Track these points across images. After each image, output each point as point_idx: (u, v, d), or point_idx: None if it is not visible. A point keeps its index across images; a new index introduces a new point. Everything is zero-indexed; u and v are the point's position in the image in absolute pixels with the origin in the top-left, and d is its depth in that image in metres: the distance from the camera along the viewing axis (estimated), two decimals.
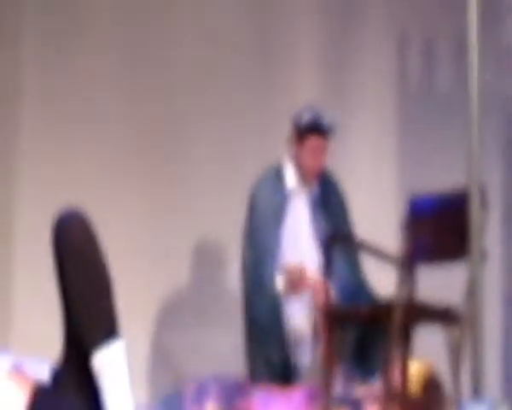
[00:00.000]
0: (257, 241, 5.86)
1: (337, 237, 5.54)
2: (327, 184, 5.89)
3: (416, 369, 5.02)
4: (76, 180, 6.84)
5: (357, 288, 5.67)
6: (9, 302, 7.04)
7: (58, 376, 3.75)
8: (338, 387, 5.11)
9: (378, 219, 5.78)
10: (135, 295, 6.09)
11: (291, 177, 5.88)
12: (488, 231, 4.09)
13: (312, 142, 5.80)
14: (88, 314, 3.72)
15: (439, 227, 4.63)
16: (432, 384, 5.14)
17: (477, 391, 3.28)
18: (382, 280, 5.37)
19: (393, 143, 6.52)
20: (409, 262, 4.76)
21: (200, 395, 5.37)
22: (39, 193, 6.90)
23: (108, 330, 3.71)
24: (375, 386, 5.22)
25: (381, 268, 5.30)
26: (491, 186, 4.81)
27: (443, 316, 4.69)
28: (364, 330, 5.45)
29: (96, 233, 3.77)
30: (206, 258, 6.49)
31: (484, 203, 3.88)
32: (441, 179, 4.72)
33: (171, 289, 6.86)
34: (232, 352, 6.05)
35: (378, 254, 5.24)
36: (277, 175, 5.91)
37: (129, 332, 3.81)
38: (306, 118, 5.79)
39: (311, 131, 5.78)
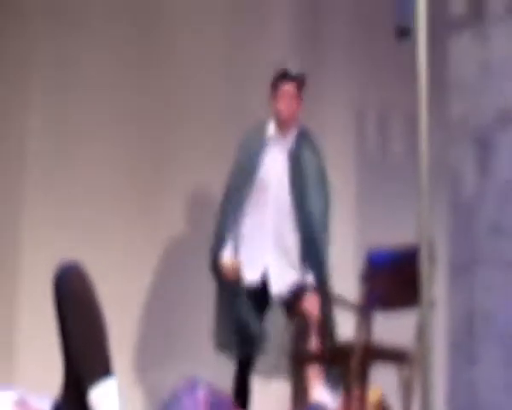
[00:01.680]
0: (228, 189, 5.91)
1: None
2: (303, 142, 5.84)
3: (374, 395, 5.03)
4: (76, 235, 6.82)
5: None
6: (13, 346, 6.99)
7: (59, 408, 3.73)
8: None
9: (340, 272, 5.77)
10: (126, 337, 6.06)
11: (271, 127, 5.85)
12: (436, 283, 4.09)
13: (283, 86, 5.80)
14: (85, 355, 3.70)
15: (394, 279, 4.64)
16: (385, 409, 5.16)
17: None
18: (343, 325, 5.37)
19: (353, 205, 6.54)
20: (366, 309, 4.77)
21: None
22: (42, 245, 6.88)
23: (103, 369, 3.69)
24: None
25: (342, 314, 5.31)
26: (439, 243, 4.83)
27: (396, 357, 4.69)
28: None
29: (92, 283, 3.77)
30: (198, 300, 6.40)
31: (432, 258, 3.89)
32: (395, 237, 4.72)
33: (159, 332, 6.85)
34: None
35: (340, 301, 5.24)
36: (261, 128, 5.90)
37: (119, 370, 3.80)
38: (279, 69, 5.85)
39: (281, 78, 5.80)
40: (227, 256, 5.79)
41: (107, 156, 7.03)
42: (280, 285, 5.63)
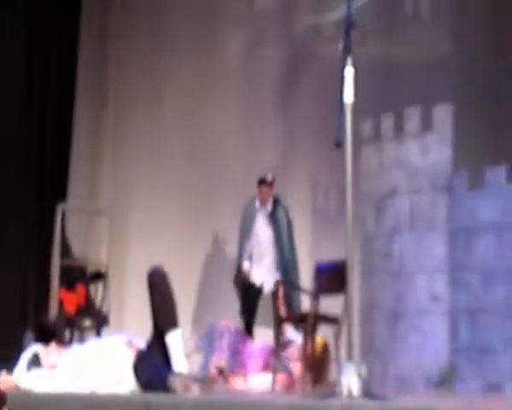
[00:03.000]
0: (240, 234, 5.80)
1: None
2: (277, 207, 5.76)
3: (319, 340, 4.95)
4: (159, 242, 6.78)
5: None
6: (123, 307, 6.91)
7: (149, 346, 3.68)
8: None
9: (302, 274, 5.70)
10: (186, 303, 5.96)
11: (258, 202, 5.77)
12: (353, 281, 3.98)
13: (262, 187, 5.73)
14: (163, 316, 3.67)
15: (331, 277, 4.57)
16: (326, 349, 5.07)
17: (349, 356, 3.20)
18: (304, 302, 5.31)
19: (309, 238, 6.50)
20: (316, 294, 4.71)
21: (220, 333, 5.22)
22: (143, 249, 6.85)
23: (173, 324, 3.66)
24: (295, 351, 5.13)
25: (304, 297, 5.25)
26: (355, 260, 4.77)
27: (332, 320, 4.62)
28: None
29: (167, 275, 3.75)
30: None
31: (352, 268, 3.80)
32: (333, 255, 4.65)
33: (206, 298, 6.77)
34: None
35: (301, 289, 5.19)
36: (253, 200, 5.80)
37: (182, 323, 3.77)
38: (259, 178, 5.74)
39: (262, 182, 5.72)
40: (245, 266, 5.73)
41: (176, 192, 7.02)
42: (268, 285, 5.61)
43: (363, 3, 6.11)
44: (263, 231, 5.77)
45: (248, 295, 5.72)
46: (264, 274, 5.73)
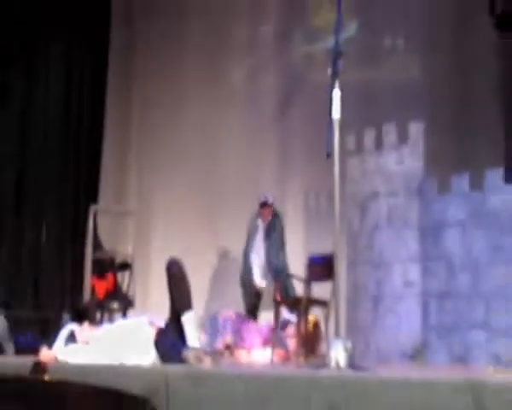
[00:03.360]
0: (246, 246, 5.64)
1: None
2: (273, 219, 5.59)
3: (311, 319, 4.93)
4: (180, 241, 6.74)
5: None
6: (147, 293, 6.89)
7: (168, 325, 3.67)
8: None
9: (297, 265, 5.66)
10: (198, 289, 5.92)
11: (260, 220, 5.59)
12: (340, 270, 3.96)
13: (263, 209, 5.54)
14: (179, 299, 3.66)
15: (321, 267, 4.56)
16: (317, 326, 5.04)
17: (336, 334, 3.19)
18: (298, 288, 5.28)
19: (303, 235, 6.50)
20: (308, 281, 4.69)
21: (223, 323, 5.14)
22: (162, 245, 6.82)
23: (188, 306, 3.65)
24: (292, 330, 5.10)
25: (298, 284, 5.22)
26: (341, 252, 4.75)
27: (321, 303, 4.61)
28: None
29: (183, 265, 3.73)
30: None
31: (336, 258, 3.76)
32: (323, 249, 4.63)
33: (215, 287, 6.73)
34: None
35: (296, 277, 5.17)
36: (256, 218, 5.63)
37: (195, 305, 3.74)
38: (260, 200, 5.58)
39: (263, 204, 5.55)
40: (258, 282, 5.56)
41: (192, 196, 6.98)
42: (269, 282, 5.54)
43: (348, 36, 6.16)
44: (262, 243, 5.66)
45: (253, 296, 5.63)
46: (263, 274, 5.64)
